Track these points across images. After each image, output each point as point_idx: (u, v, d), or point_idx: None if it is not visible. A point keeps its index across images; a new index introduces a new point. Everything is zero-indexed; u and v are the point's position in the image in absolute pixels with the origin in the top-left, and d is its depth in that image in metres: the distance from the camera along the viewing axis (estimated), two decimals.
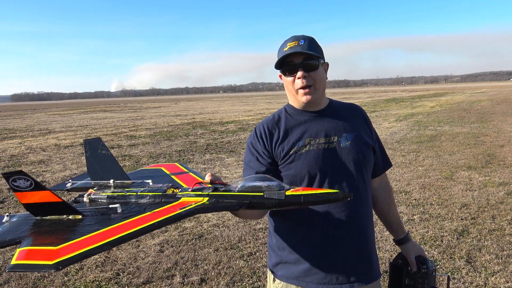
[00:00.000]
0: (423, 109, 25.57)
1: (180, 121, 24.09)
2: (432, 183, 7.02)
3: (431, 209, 5.65)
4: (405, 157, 9.52)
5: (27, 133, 19.81)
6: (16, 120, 32.09)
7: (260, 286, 3.73)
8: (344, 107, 1.81)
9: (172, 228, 5.33)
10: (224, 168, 9.18)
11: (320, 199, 1.32)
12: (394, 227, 1.92)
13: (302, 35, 1.66)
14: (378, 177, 1.86)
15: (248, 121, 21.71)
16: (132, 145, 13.65)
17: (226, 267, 4.13)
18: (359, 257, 1.68)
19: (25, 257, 1.17)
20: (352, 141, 1.68)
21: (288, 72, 1.66)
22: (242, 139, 14.17)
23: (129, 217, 1.38)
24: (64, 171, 9.63)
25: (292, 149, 1.65)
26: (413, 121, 17.89)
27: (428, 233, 4.81)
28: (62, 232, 1.34)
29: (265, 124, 1.75)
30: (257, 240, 4.79)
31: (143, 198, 1.54)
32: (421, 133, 13.58)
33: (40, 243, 1.25)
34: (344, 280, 1.65)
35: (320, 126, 1.69)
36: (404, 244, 1.89)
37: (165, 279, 3.92)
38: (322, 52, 1.69)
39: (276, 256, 1.76)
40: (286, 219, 1.71)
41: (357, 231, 1.67)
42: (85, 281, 3.93)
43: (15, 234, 1.36)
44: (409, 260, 1.85)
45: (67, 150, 13.23)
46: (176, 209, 1.37)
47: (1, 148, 14.26)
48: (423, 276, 1.80)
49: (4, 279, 4.02)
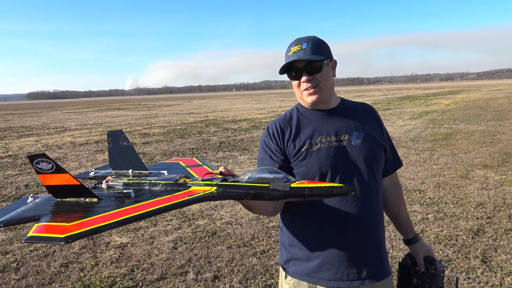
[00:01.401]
0: (438, 107, 25.26)
1: (193, 119, 24.22)
2: (447, 182, 6.94)
3: (446, 208, 5.59)
4: (419, 155, 9.43)
5: (43, 131, 20.13)
6: (33, 118, 32.62)
7: (273, 284, 3.74)
8: (355, 106, 1.82)
9: (185, 225, 5.37)
10: (237, 166, 9.21)
11: (325, 192, 1.33)
12: (404, 227, 1.93)
13: (306, 37, 1.68)
14: (388, 177, 1.87)
15: (261, 119, 21.72)
16: (146, 143, 13.77)
17: (239, 264, 4.15)
18: (370, 254, 1.69)
19: (40, 231, 1.27)
20: (363, 139, 1.69)
21: (293, 76, 1.69)
22: (255, 137, 14.19)
23: (140, 201, 1.45)
24: (79, 168, 9.77)
25: (303, 147, 1.67)
26: (427, 119, 17.69)
27: (443, 232, 4.76)
28: (78, 211, 1.43)
29: (277, 123, 1.78)
30: (270, 238, 4.80)
31: (156, 186, 1.61)
32: (435, 131, 13.43)
33: (55, 220, 1.35)
34: (355, 277, 1.65)
35: (331, 125, 1.70)
36: (413, 244, 1.90)
37: (178, 276, 3.96)
38: (328, 50, 1.70)
39: (287, 252, 1.78)
40: (297, 216, 1.72)
41: (367, 229, 1.68)
42: (100, 277, 3.99)
43: (35, 212, 1.47)
44: (418, 260, 1.85)
45: (82, 147, 13.41)
46: (185, 196, 1.43)
47: (18, 145, 14.52)
48: (431, 277, 1.80)
49: (22, 274, 4.11)
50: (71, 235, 1.20)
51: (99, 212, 1.38)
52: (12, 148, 13.73)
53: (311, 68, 1.63)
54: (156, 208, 1.37)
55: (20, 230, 5.38)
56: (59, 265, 4.27)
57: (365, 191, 1.67)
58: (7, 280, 3.99)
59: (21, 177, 8.88)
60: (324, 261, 1.66)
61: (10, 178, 8.82)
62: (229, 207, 6.08)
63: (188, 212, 5.93)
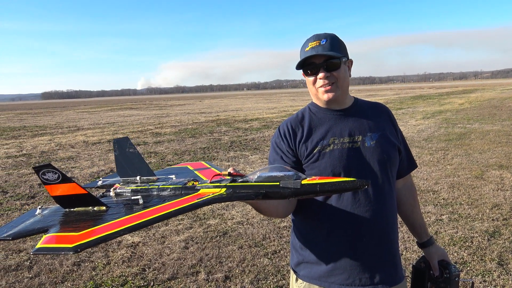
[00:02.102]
0: (451, 106, 24.95)
1: (204, 118, 24.28)
2: (462, 182, 6.83)
3: (461, 209, 5.50)
4: (433, 155, 9.31)
5: (57, 130, 20.36)
6: (46, 118, 33.02)
7: (284, 285, 3.71)
8: (370, 106, 1.78)
9: (196, 225, 5.37)
10: (248, 165, 9.19)
11: (337, 188, 1.30)
12: (418, 230, 1.89)
13: (324, 34, 1.64)
14: (402, 178, 1.83)
15: (272, 119, 21.68)
16: (157, 142, 13.83)
17: (251, 265, 4.13)
18: (383, 258, 1.65)
19: (49, 242, 1.26)
20: (377, 140, 1.65)
21: (310, 72, 1.65)
22: (266, 136, 14.16)
23: (149, 207, 1.44)
24: (92, 167, 9.84)
25: (315, 148, 1.64)
26: (441, 119, 17.48)
27: (458, 233, 4.68)
28: (87, 221, 1.42)
29: (288, 123, 1.74)
30: (282, 238, 4.77)
31: (164, 190, 1.59)
32: (449, 131, 13.26)
33: (64, 230, 1.34)
34: (367, 282, 1.62)
35: (345, 125, 1.67)
36: (427, 247, 1.85)
37: (190, 276, 3.95)
38: (345, 49, 1.66)
39: (299, 255, 1.75)
40: (309, 218, 1.69)
41: (381, 232, 1.64)
42: (112, 276, 4.00)
43: (44, 224, 1.46)
44: (432, 264, 1.81)
45: (94, 146, 13.52)
46: (194, 200, 1.41)
47: (32, 144, 14.70)
48: (445, 281, 1.76)
49: (35, 272, 4.14)
50: (79, 244, 1.19)
51: (108, 220, 1.37)
52: (26, 147, 13.90)
53: (329, 64, 1.59)
54: (166, 212, 1.35)
55: None
56: (72, 264, 4.29)
57: (378, 194, 1.63)
58: (20, 278, 4.02)
59: (34, 176, 8.97)
60: (336, 265, 1.63)
61: (24, 177, 8.93)
62: (240, 207, 6.06)
63: (200, 212, 5.92)
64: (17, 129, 22.26)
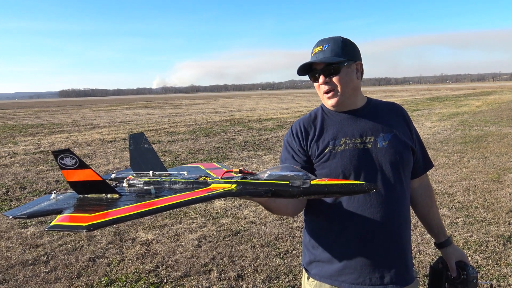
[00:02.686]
0: (468, 108, 24.59)
1: (218, 118, 24.38)
2: (477, 186, 6.74)
3: (476, 213, 5.43)
4: (448, 158, 9.20)
5: (73, 128, 20.68)
6: (63, 115, 33.54)
7: (296, 285, 3.72)
8: (383, 106, 1.77)
9: (209, 223, 5.41)
10: (262, 165, 9.21)
11: (345, 190, 1.31)
12: (435, 230, 1.87)
13: (328, 38, 1.65)
14: (418, 178, 1.82)
15: (286, 119, 21.66)
16: (172, 141, 13.95)
17: (263, 264, 4.15)
18: (394, 259, 1.65)
19: (63, 220, 1.32)
20: (389, 141, 1.64)
21: (312, 78, 1.68)
22: (280, 136, 14.16)
23: (161, 197, 1.48)
24: (107, 165, 9.98)
25: (326, 148, 1.65)
26: (457, 121, 17.24)
27: (472, 237, 4.62)
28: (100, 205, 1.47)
29: (301, 122, 1.76)
30: (294, 239, 4.77)
31: (176, 184, 1.62)
32: (466, 133, 13.08)
33: (78, 212, 1.40)
34: (377, 282, 1.62)
35: (357, 126, 1.67)
36: (444, 248, 1.84)
37: (202, 274, 3.99)
38: (351, 51, 1.65)
39: (310, 254, 1.76)
40: (321, 217, 1.70)
41: (392, 233, 1.64)
42: (126, 272, 4.06)
43: (58, 206, 1.52)
44: (449, 264, 1.80)
45: (110, 144, 13.70)
46: (205, 193, 1.45)
47: (50, 141, 14.96)
48: (462, 283, 1.74)
49: (51, 267, 4.22)
50: (93, 223, 1.24)
51: (121, 205, 1.41)
52: (43, 144, 14.16)
53: (327, 70, 1.60)
54: (177, 202, 1.39)
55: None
56: (87, 260, 4.37)
57: (390, 195, 1.63)
58: (37, 273, 4.11)
59: (51, 173, 9.14)
60: (346, 265, 1.64)
61: (41, 174, 9.10)
62: (253, 206, 6.08)
63: (213, 210, 5.97)
64: (35, 126, 22.67)
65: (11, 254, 4.60)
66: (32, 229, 5.37)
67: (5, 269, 4.20)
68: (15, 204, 6.61)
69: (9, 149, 13.23)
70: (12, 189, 7.63)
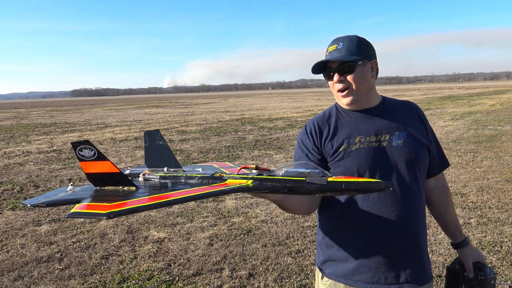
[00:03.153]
0: (481, 107, 24.29)
1: (229, 117, 24.42)
2: (491, 186, 6.66)
3: (490, 213, 5.37)
4: (461, 157, 9.11)
5: (86, 127, 20.89)
6: (76, 115, 33.89)
7: (307, 284, 3.72)
8: (398, 105, 1.76)
9: (221, 222, 5.43)
10: (273, 164, 9.20)
11: (362, 187, 1.31)
12: (451, 230, 1.84)
13: (344, 37, 1.65)
14: (434, 177, 1.80)
15: (297, 118, 21.62)
16: (183, 140, 14.01)
17: (274, 263, 4.15)
18: (409, 257, 1.63)
19: (82, 208, 1.33)
20: (404, 139, 1.63)
21: (327, 77, 1.67)
22: (290, 135, 14.14)
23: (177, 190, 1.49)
24: (119, 163, 10.06)
25: (341, 147, 1.64)
26: (470, 120, 17.05)
27: (486, 238, 4.57)
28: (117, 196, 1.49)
29: (315, 121, 1.75)
30: (305, 238, 4.77)
31: (192, 178, 1.62)
32: (479, 133, 12.92)
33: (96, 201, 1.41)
34: (393, 281, 1.61)
35: (371, 124, 1.66)
36: (461, 248, 1.81)
37: (214, 272, 4.00)
38: (367, 50, 1.65)
39: (324, 253, 1.75)
40: (335, 216, 1.70)
41: (407, 231, 1.63)
42: (139, 270, 4.10)
43: (76, 196, 1.53)
44: (466, 265, 1.77)
45: (122, 143, 13.81)
46: (221, 187, 1.45)
47: (63, 140, 15.13)
48: (480, 284, 1.71)
49: (65, 264, 4.28)
50: (113, 211, 1.25)
51: (139, 196, 1.43)
52: (56, 143, 14.32)
53: (342, 69, 1.60)
54: (194, 194, 1.40)
55: (64, 222, 5.61)
56: (100, 257, 4.41)
57: (405, 194, 1.61)
58: (51, 270, 4.16)
59: (65, 171, 9.25)
60: (361, 264, 1.63)
61: (54, 172, 9.21)
62: (264, 205, 6.08)
63: (224, 209, 5.98)
64: (48, 125, 22.94)
65: (25, 251, 4.67)
66: (46, 227, 5.44)
67: (20, 266, 4.27)
68: None
69: (23, 148, 13.41)
70: (26, 187, 7.74)
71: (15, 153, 12.14)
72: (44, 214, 6.03)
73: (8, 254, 4.60)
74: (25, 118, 31.63)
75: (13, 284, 3.90)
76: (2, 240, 5.05)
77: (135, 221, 5.56)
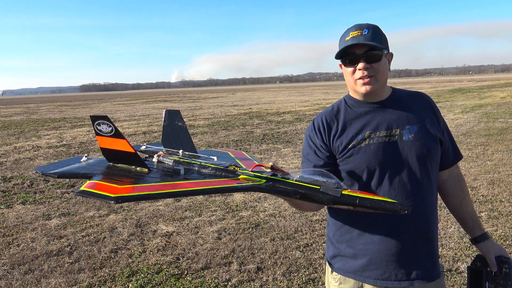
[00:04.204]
0: (492, 100, 23.98)
1: (237, 111, 24.40)
2: (502, 179, 6.58)
3: (501, 207, 5.31)
4: (471, 150, 9.01)
5: None
6: (85, 109, 34.10)
7: (316, 278, 3.71)
8: (409, 96, 1.71)
9: (229, 216, 5.43)
10: (281, 158, 9.18)
11: (376, 206, 1.29)
12: (469, 224, 1.75)
13: (366, 24, 1.59)
14: (448, 169, 1.75)
15: (305, 112, 21.54)
16: (191, 134, 13.94)
17: (283, 257, 4.14)
18: (420, 254, 1.61)
19: (92, 187, 1.32)
20: (415, 133, 1.59)
21: (349, 62, 1.59)
22: (298, 129, 14.10)
23: (189, 179, 1.47)
24: None
25: (350, 143, 1.60)
26: (481, 113, 16.85)
27: (497, 231, 4.52)
28: (129, 177, 1.48)
29: (323, 116, 1.71)
30: (314, 232, 4.75)
31: (205, 168, 1.60)
32: (490, 126, 12.77)
33: (107, 180, 1.40)
34: (403, 277, 1.59)
35: (382, 118, 1.62)
36: (481, 242, 1.71)
37: (222, 266, 4.01)
38: (386, 42, 1.61)
39: (334, 248, 1.74)
40: (345, 213, 1.67)
41: (418, 228, 1.60)
42: (148, 264, 4.11)
43: (88, 170, 1.54)
44: (488, 260, 1.68)
45: (130, 138, 13.86)
46: (233, 183, 1.43)
47: (72, 135, 15.23)
48: (505, 277, 1.63)
49: (74, 257, 4.31)
50: (121, 196, 1.24)
51: (149, 182, 1.41)
52: (66, 138, 14.42)
53: (370, 56, 1.54)
54: (205, 188, 1.38)
55: (74, 217, 5.65)
56: (109, 251, 4.44)
57: (416, 189, 1.58)
58: (61, 263, 4.20)
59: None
60: (371, 260, 1.61)
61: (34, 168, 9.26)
62: (273, 199, 6.07)
63: (232, 203, 5.98)
64: (57, 120, 23.12)
65: (36, 245, 4.71)
66: (56, 221, 5.48)
67: (31, 260, 4.30)
68: (39, 196, 6.77)
69: (32, 142, 13.52)
70: (36, 181, 7.81)
71: (25, 148, 12.25)
72: (54, 208, 6.08)
73: (19, 247, 4.65)
74: (34, 113, 31.89)
75: (23, 277, 3.94)
76: (13, 234, 5.10)
77: (144, 215, 5.58)
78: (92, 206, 6.10)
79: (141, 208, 5.87)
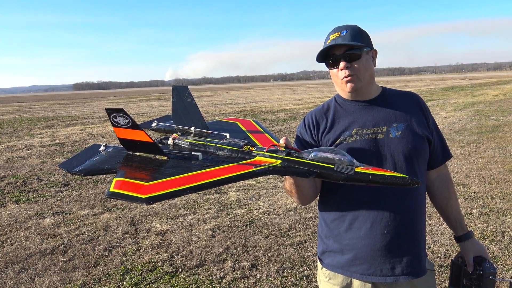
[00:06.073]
0: (484, 98, 24.16)
1: (231, 109, 24.40)
2: (494, 176, 6.65)
3: (492, 203, 5.37)
4: (464, 148, 9.09)
5: (88, 120, 20.90)
6: (78, 108, 33.92)
7: (309, 275, 3.74)
8: (398, 96, 1.74)
9: (223, 214, 5.45)
10: None
11: (388, 181, 1.32)
12: (453, 223, 1.81)
13: (345, 25, 1.63)
14: (436, 169, 1.78)
15: (299, 110, 21.58)
16: None
17: (276, 254, 4.17)
18: (405, 250, 1.63)
19: (121, 187, 1.33)
20: (402, 131, 1.62)
21: (331, 64, 1.65)
22: (292, 127, 14.13)
23: (208, 166, 1.49)
24: None
25: (338, 139, 1.64)
26: (473, 111, 16.97)
27: (488, 228, 4.58)
28: (151, 169, 1.50)
29: (313, 114, 1.75)
30: (307, 229, 4.78)
31: (221, 150, 1.63)
32: (482, 123, 12.88)
33: (132, 177, 1.41)
34: (388, 273, 1.61)
35: (369, 116, 1.65)
36: (462, 242, 1.78)
37: (216, 263, 4.03)
38: (368, 39, 1.65)
39: (323, 244, 1.77)
40: (333, 208, 1.70)
41: (404, 225, 1.62)
42: (142, 262, 4.13)
43: (111, 165, 1.55)
44: (466, 259, 1.75)
45: None
46: (251, 167, 1.45)
47: (65, 134, 15.16)
48: (478, 278, 1.69)
49: (69, 256, 4.31)
50: (151, 196, 1.26)
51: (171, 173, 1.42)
52: (59, 137, 14.35)
53: (349, 55, 1.58)
54: (227, 176, 1.40)
55: (67, 215, 5.64)
56: (103, 249, 4.44)
57: None
58: (55, 262, 4.20)
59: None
60: (356, 255, 1.64)
61: (57, 165, 9.23)
62: (267, 197, 6.10)
63: (226, 201, 6.00)
64: (50, 119, 22.98)
65: (29, 243, 4.70)
66: (50, 220, 5.48)
67: (25, 258, 4.30)
68: (33, 195, 6.74)
69: (25, 141, 13.45)
70: (29, 180, 7.78)
71: (18, 147, 12.18)
72: (48, 207, 6.07)
73: (12, 246, 4.64)
74: (27, 112, 31.68)
75: (17, 276, 3.94)
76: (6, 233, 5.09)
77: (138, 213, 5.59)
78: (86, 205, 6.09)
79: (135, 206, 5.87)
